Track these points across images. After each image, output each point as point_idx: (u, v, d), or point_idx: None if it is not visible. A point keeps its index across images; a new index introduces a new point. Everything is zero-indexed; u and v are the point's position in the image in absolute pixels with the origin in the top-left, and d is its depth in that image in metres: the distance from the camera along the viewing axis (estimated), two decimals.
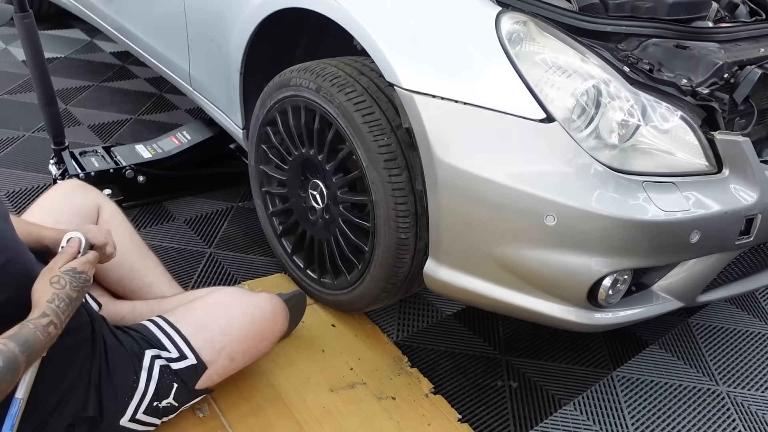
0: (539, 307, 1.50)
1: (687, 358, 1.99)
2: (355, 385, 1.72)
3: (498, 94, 1.40)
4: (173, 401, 1.43)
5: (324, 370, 1.75)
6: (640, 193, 1.39)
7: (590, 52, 1.44)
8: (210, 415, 1.58)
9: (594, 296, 1.46)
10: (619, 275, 1.45)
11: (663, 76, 1.50)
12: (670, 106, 1.44)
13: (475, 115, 1.41)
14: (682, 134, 1.45)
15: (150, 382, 1.40)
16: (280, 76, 1.82)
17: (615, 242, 1.40)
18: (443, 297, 1.67)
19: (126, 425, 1.38)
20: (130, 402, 1.37)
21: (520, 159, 1.41)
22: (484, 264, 1.50)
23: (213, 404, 1.60)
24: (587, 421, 1.75)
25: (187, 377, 1.44)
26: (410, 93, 1.46)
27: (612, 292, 1.46)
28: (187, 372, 1.44)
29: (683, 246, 1.45)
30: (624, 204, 1.37)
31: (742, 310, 2.23)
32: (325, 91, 1.64)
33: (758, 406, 1.84)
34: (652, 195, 1.39)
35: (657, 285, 1.59)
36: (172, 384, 1.42)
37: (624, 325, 1.58)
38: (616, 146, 1.40)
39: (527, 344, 1.98)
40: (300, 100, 1.75)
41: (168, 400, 1.42)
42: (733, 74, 1.54)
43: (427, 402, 1.71)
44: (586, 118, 1.39)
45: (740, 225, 1.50)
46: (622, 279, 1.47)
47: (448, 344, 1.95)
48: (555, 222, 1.38)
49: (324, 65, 1.70)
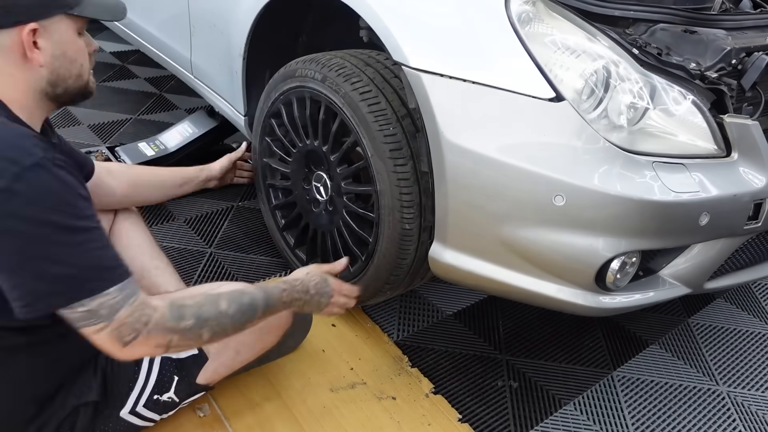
0: (546, 290, 1.49)
1: (687, 358, 1.99)
2: (355, 385, 1.72)
3: (507, 74, 1.40)
4: (174, 396, 1.42)
5: (324, 370, 1.75)
6: (648, 171, 1.38)
7: (600, 32, 1.45)
8: (210, 415, 1.57)
9: (602, 279, 1.44)
10: (627, 258, 1.44)
11: (672, 60, 1.50)
12: (682, 89, 1.44)
13: (484, 95, 1.41)
14: (690, 117, 1.45)
15: (151, 373, 1.38)
16: (286, 68, 1.82)
17: (624, 223, 1.39)
18: (448, 281, 1.65)
19: (126, 417, 1.37)
20: (130, 393, 1.36)
21: (529, 138, 1.40)
22: (490, 246, 1.49)
23: (213, 404, 1.59)
24: (587, 421, 1.75)
25: (188, 368, 1.43)
26: (418, 72, 1.46)
27: (620, 275, 1.45)
28: (188, 362, 1.43)
29: (692, 228, 1.44)
30: (633, 183, 1.36)
31: (743, 310, 2.23)
32: (331, 81, 1.64)
33: (758, 406, 1.84)
34: (661, 174, 1.38)
35: (664, 270, 1.58)
36: (173, 377, 1.41)
37: (631, 309, 1.56)
38: (624, 128, 1.40)
39: (528, 344, 1.98)
40: (305, 90, 1.74)
41: (169, 395, 1.41)
42: (740, 60, 1.54)
43: (427, 402, 1.70)
44: (595, 99, 1.38)
45: (749, 209, 1.49)
46: (631, 262, 1.46)
47: (449, 344, 1.94)
48: (563, 202, 1.37)
49: (330, 56, 1.70)
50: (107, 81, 3.44)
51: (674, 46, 1.56)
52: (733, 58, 1.54)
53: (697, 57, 1.54)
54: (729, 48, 1.54)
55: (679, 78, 1.46)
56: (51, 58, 1.17)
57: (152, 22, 2.71)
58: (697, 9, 1.67)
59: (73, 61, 1.21)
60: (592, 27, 1.46)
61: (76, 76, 1.22)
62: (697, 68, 1.51)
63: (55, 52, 1.18)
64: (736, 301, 2.27)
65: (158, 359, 1.40)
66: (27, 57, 1.15)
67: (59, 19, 1.17)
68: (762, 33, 1.68)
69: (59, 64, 1.19)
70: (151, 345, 1.16)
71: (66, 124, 2.98)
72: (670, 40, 1.57)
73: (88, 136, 2.89)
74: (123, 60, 3.73)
